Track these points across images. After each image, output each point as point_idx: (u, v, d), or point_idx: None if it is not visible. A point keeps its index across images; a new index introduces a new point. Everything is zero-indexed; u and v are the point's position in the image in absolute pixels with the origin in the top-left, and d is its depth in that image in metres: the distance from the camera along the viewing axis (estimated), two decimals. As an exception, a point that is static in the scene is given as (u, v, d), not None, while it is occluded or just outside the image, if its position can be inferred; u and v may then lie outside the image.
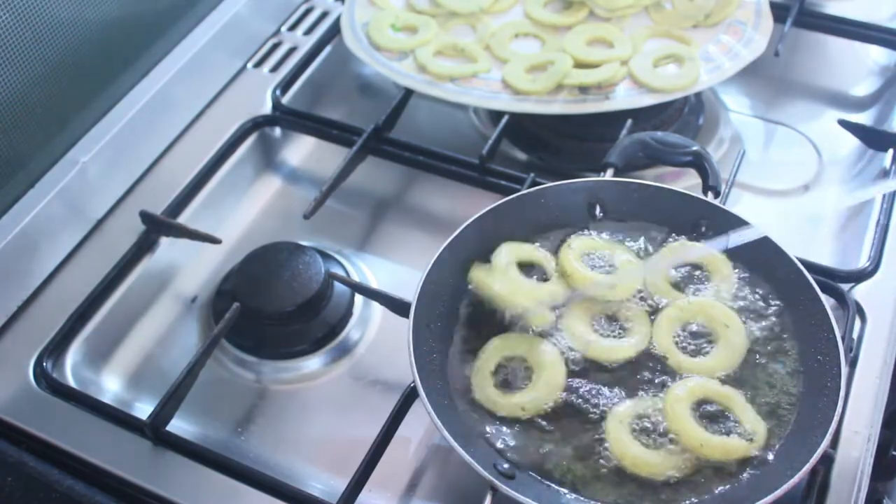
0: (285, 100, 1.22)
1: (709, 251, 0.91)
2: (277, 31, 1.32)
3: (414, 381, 0.79)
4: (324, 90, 1.29)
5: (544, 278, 0.91)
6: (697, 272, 0.92)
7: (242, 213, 1.16)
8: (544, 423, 0.82)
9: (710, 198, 0.95)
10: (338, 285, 1.03)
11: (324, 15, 1.34)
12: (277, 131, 1.21)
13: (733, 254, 0.92)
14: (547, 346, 0.86)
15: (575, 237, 0.94)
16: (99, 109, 1.10)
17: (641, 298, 0.90)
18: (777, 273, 0.88)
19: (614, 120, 1.10)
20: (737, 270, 0.91)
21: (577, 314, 0.88)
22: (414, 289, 0.86)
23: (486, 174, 1.10)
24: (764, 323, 0.88)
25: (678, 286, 0.91)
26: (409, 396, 0.88)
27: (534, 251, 0.93)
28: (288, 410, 0.97)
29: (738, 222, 0.91)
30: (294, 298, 0.99)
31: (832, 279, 0.96)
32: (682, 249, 0.93)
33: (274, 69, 1.26)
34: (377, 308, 1.04)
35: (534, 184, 1.02)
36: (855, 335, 0.93)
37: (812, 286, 0.86)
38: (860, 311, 0.95)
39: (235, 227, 1.14)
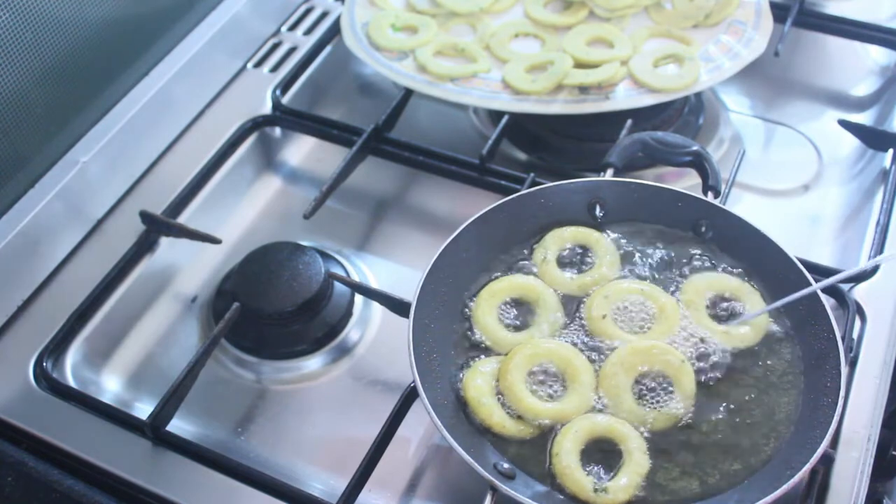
0: (285, 100, 1.21)
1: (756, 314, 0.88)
2: (277, 31, 1.32)
3: (414, 381, 0.79)
4: (324, 90, 1.29)
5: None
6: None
7: (242, 213, 1.16)
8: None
9: (710, 198, 0.95)
10: (338, 285, 1.03)
11: (324, 15, 1.34)
12: (277, 131, 1.21)
13: (733, 253, 0.92)
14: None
15: (612, 284, 0.89)
16: (99, 109, 1.10)
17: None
18: (777, 273, 0.88)
19: (614, 120, 1.10)
20: (737, 270, 0.91)
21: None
22: (414, 289, 0.86)
23: (486, 174, 1.10)
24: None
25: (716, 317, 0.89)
26: (409, 396, 0.88)
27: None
28: (288, 410, 0.97)
29: (738, 222, 0.91)
30: (294, 298, 0.99)
31: (832, 279, 0.96)
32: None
33: (274, 69, 1.26)
34: (377, 308, 1.04)
35: (534, 184, 1.02)
36: (855, 335, 0.93)
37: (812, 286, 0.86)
38: (860, 311, 0.95)
39: (235, 227, 1.14)
